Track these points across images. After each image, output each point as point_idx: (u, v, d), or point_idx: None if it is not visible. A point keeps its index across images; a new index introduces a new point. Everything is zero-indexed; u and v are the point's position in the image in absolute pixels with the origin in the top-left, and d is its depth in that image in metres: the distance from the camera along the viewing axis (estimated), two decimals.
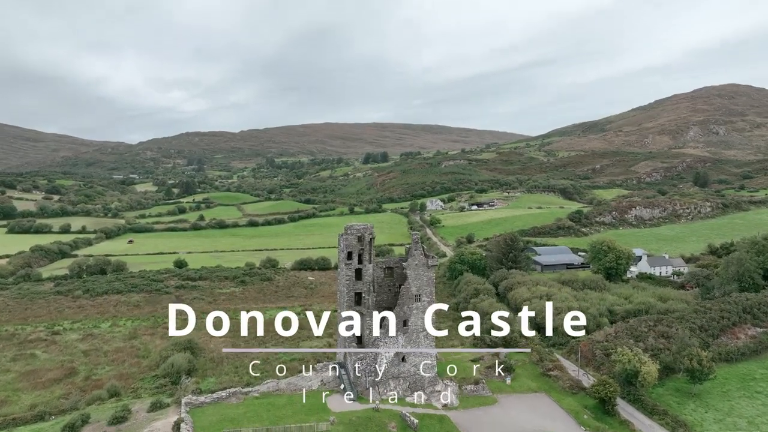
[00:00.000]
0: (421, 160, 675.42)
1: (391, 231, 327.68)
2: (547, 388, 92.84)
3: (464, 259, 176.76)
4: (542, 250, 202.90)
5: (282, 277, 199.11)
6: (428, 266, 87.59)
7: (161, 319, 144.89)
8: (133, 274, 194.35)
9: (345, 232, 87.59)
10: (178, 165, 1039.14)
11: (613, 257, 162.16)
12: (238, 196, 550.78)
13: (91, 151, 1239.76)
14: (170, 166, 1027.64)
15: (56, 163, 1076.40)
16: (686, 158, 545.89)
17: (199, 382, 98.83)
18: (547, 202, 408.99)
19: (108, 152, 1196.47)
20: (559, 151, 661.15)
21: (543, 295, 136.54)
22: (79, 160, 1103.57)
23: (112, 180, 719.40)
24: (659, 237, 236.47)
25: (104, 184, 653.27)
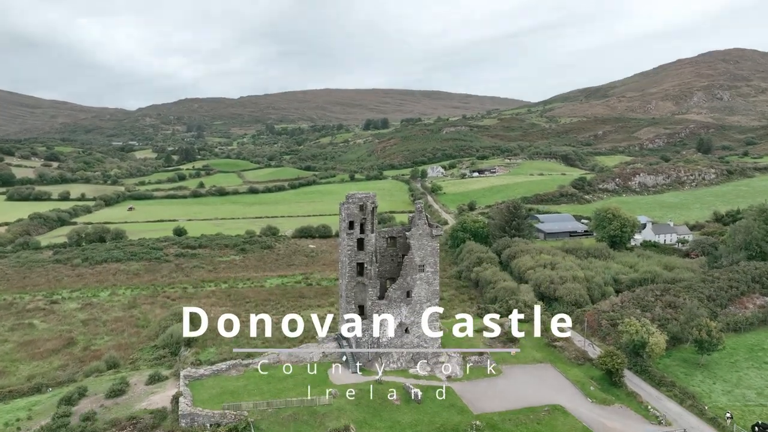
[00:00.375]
0: (422, 126, 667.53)
1: (392, 198, 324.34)
2: (553, 359, 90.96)
3: (466, 227, 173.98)
4: (545, 218, 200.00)
5: (282, 245, 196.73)
6: (432, 236, 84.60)
7: (161, 287, 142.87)
8: (133, 242, 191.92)
9: (346, 201, 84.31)
10: (177, 131, 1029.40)
11: (617, 225, 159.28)
12: (238, 163, 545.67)
13: (90, 118, 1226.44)
14: (169, 132, 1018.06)
15: (55, 130, 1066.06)
16: (689, 124, 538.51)
17: (198, 353, 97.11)
18: (549, 169, 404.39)
19: (107, 119, 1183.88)
20: (560, 117, 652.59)
21: (547, 263, 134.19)
22: (78, 127, 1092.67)
23: (111, 147, 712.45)
24: (663, 204, 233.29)
25: (103, 151, 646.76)
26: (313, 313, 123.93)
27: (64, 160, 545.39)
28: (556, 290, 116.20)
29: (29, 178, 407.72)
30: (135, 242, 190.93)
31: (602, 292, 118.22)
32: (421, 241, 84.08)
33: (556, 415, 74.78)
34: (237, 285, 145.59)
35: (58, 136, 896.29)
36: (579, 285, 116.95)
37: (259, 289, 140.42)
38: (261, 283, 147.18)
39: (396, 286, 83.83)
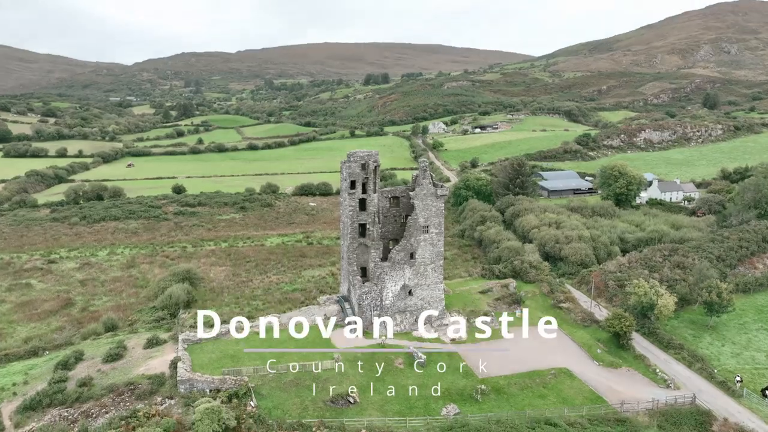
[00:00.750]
0: (423, 81, 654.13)
1: (393, 155, 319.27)
2: (559, 321, 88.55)
3: (469, 184, 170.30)
4: (549, 175, 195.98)
5: (283, 203, 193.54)
6: (437, 196, 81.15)
7: (160, 246, 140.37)
8: (131, 200, 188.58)
9: (348, 160, 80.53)
10: (175, 87, 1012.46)
11: (623, 183, 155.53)
12: (237, 119, 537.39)
13: (87, 73, 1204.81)
14: (167, 87, 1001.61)
15: (51, 85, 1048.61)
16: (695, 79, 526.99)
17: None
18: (552, 125, 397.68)
19: (103, 74, 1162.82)
20: (564, 71, 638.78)
21: (552, 222, 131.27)
22: (75, 82, 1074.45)
23: (109, 102, 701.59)
24: (669, 161, 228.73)
25: (100, 106, 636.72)
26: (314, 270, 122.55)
27: (61, 116, 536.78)
28: (562, 250, 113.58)
29: (26, 134, 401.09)
30: (133, 200, 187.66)
31: (608, 252, 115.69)
32: (425, 201, 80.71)
33: (562, 378, 73.16)
34: (237, 244, 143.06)
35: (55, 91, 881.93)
36: (585, 245, 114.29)
37: (260, 248, 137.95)
38: (261, 242, 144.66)
39: (399, 248, 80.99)
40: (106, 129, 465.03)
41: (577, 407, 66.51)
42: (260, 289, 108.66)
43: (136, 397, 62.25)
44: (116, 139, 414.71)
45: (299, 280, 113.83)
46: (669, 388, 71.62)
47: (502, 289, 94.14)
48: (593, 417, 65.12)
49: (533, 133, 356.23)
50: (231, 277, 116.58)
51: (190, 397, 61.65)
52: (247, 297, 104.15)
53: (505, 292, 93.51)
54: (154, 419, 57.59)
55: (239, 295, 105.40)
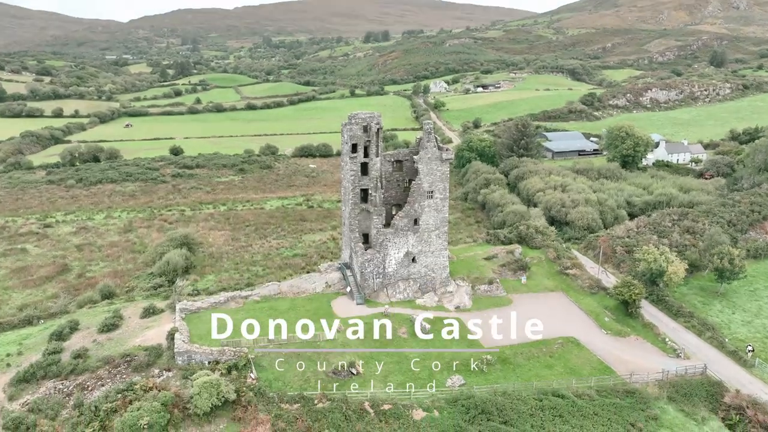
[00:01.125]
0: (425, 38, 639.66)
1: (394, 115, 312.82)
2: (565, 288, 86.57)
3: (472, 146, 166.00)
4: (553, 136, 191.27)
5: (282, 165, 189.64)
6: (442, 160, 77.49)
7: (158, 210, 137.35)
8: (128, 161, 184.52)
9: (349, 122, 76.54)
10: (172, 44, 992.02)
11: (631, 144, 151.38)
12: (236, 78, 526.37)
13: (82, 30, 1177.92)
14: (164, 45, 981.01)
15: (46, 43, 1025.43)
16: (702, 36, 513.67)
17: (197, 281, 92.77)
18: (555, 84, 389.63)
19: (98, 31, 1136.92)
20: (568, 28, 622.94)
21: (557, 185, 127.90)
22: (69, 40, 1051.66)
23: (105, 61, 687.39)
24: (675, 121, 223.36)
25: (96, 65, 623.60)
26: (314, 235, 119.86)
27: (56, 74, 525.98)
28: (568, 214, 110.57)
29: (21, 93, 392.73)
30: (130, 162, 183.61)
31: (615, 216, 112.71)
32: (429, 165, 77.11)
33: (569, 347, 71.12)
34: (236, 207, 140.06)
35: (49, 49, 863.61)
36: (591, 209, 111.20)
37: (259, 212, 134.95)
38: (261, 205, 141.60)
39: (403, 214, 77.84)
40: (103, 88, 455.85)
41: (585, 378, 64.61)
42: (260, 254, 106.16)
43: (133, 369, 60.24)
44: (113, 99, 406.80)
45: (299, 245, 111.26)
46: (679, 357, 69.70)
47: (507, 255, 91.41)
48: (601, 388, 63.25)
49: (536, 92, 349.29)
50: (230, 242, 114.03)
51: (188, 369, 59.60)
52: (246, 262, 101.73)
53: (511, 258, 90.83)
54: (152, 392, 55.65)
55: (239, 260, 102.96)
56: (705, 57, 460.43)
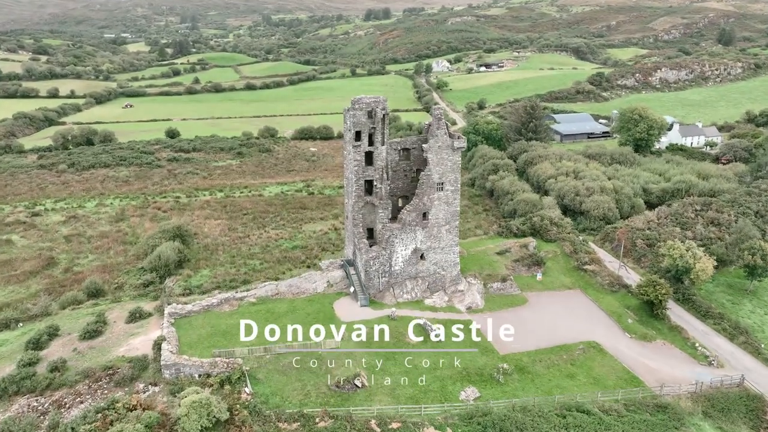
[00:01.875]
0: (426, 16, 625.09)
1: (396, 95, 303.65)
2: (583, 285, 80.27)
3: (479, 129, 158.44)
4: (561, 118, 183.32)
5: (282, 148, 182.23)
6: (453, 149, 70.56)
7: (152, 197, 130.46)
8: (122, 145, 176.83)
9: (352, 107, 69.39)
10: (171, 23, 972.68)
11: (644, 127, 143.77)
12: (235, 57, 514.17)
13: (80, 8, 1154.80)
14: (163, 24, 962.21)
15: (43, 21, 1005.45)
16: (709, 13, 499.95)
17: (190, 276, 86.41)
18: (560, 63, 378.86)
19: (97, 9, 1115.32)
20: (572, 5, 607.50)
21: (569, 171, 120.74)
22: (68, 18, 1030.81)
23: (103, 39, 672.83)
24: (686, 102, 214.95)
25: (94, 44, 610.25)
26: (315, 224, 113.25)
27: (53, 53, 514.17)
28: (582, 203, 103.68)
29: (16, 73, 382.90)
30: (124, 145, 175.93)
31: (632, 205, 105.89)
32: (440, 154, 70.15)
33: (592, 354, 64.98)
34: (233, 194, 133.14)
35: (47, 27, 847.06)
36: (607, 197, 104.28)
37: (257, 199, 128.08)
38: (259, 192, 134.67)
39: (410, 208, 71.12)
40: (100, 68, 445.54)
41: (611, 390, 58.56)
42: (258, 246, 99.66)
43: (115, 383, 54.15)
44: (110, 79, 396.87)
45: (300, 236, 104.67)
46: (711, 365, 63.62)
47: (521, 249, 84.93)
48: (630, 402, 57.22)
49: (540, 71, 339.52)
50: (227, 232, 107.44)
51: (177, 383, 53.48)
52: (243, 255, 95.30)
53: (525, 253, 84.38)
54: (135, 412, 49.57)
55: (235, 253, 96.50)
56: (711, 35, 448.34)
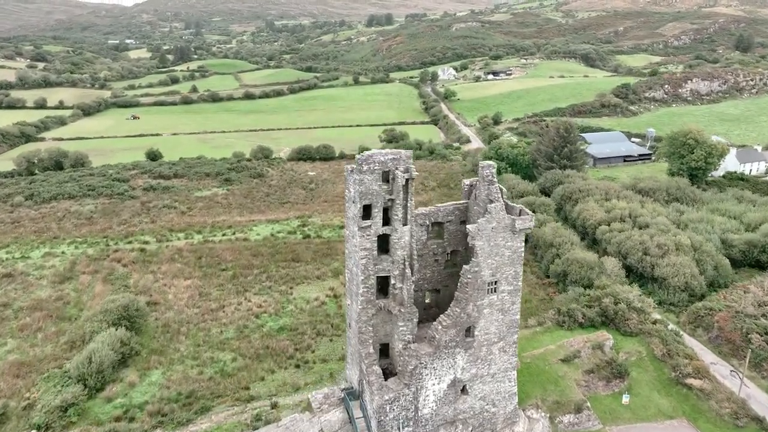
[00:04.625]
0: (429, 22, 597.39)
1: (401, 105, 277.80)
2: (690, 412, 53.89)
3: (502, 153, 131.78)
4: (592, 138, 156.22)
5: (276, 171, 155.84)
6: (515, 231, 44.08)
7: (115, 241, 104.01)
8: (94, 170, 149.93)
9: (359, 168, 42.81)
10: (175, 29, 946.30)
11: (701, 154, 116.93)
12: (236, 64, 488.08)
13: (86, 14, 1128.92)
14: (167, 30, 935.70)
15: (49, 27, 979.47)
16: (719, 18, 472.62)
17: (133, 387, 60.00)
18: (569, 70, 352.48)
19: (102, 15, 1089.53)
20: (577, 11, 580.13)
21: (624, 215, 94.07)
22: (74, 24, 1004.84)
23: (104, 46, 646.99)
24: (723, 117, 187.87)
25: (95, 50, 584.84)
26: (309, 286, 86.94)
27: (51, 60, 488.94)
28: (655, 267, 76.97)
29: (8, 81, 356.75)
30: (97, 171, 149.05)
31: (715, 266, 79.01)
32: (494, 239, 43.73)
33: None
34: (213, 237, 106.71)
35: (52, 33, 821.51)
36: (686, 257, 77.51)
37: (242, 246, 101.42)
38: (245, 234, 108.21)
39: (447, 321, 44.68)
40: (98, 75, 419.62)
41: None
42: (233, 325, 73.22)
43: None
44: (106, 87, 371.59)
45: (288, 307, 78.16)
46: None
47: (593, 352, 58.38)
48: None
49: (551, 79, 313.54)
50: (197, 300, 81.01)
51: None
52: (212, 344, 68.89)
53: (600, 359, 57.87)
54: None
55: (201, 339, 70.04)
56: (723, 40, 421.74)
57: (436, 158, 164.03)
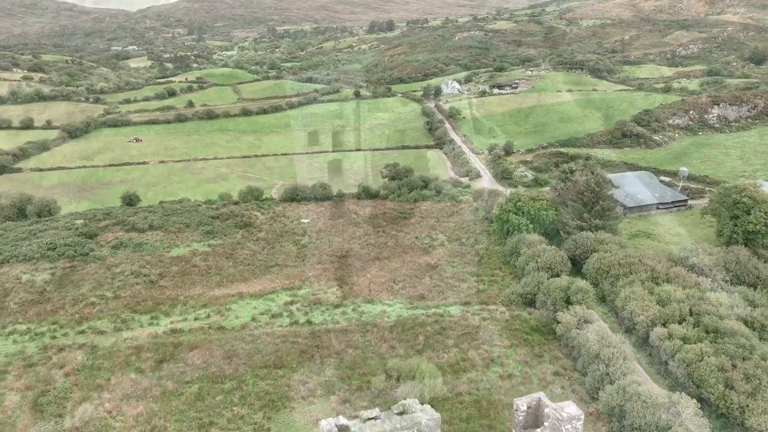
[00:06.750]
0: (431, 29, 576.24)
1: (406, 126, 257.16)
2: None
3: (522, 208, 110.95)
4: (620, 180, 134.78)
5: (266, 217, 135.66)
6: None
7: (64, 330, 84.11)
8: (58, 221, 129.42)
9: None
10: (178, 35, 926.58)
11: (761, 216, 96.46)
12: (236, 74, 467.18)
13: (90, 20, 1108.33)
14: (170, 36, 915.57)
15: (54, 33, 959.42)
16: (727, 27, 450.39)
17: None
18: (577, 83, 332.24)
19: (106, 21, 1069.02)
20: (581, 19, 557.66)
21: (684, 311, 73.76)
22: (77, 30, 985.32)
23: (104, 54, 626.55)
24: (757, 149, 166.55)
25: (94, 59, 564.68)
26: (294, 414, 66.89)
27: (49, 71, 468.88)
28: (745, 411, 56.71)
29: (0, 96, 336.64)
30: (63, 221, 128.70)
31: None
32: None
33: None
34: (184, 322, 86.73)
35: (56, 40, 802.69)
36: None
37: (215, 340, 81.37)
38: (222, 317, 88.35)
39: None
40: (94, 88, 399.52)
41: None
42: None
43: None
44: (101, 101, 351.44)
45: None
46: None
47: None
48: None
49: (558, 93, 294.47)
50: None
51: None
52: None
53: None
54: None
55: None
56: (732, 50, 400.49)
57: (444, 199, 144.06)
